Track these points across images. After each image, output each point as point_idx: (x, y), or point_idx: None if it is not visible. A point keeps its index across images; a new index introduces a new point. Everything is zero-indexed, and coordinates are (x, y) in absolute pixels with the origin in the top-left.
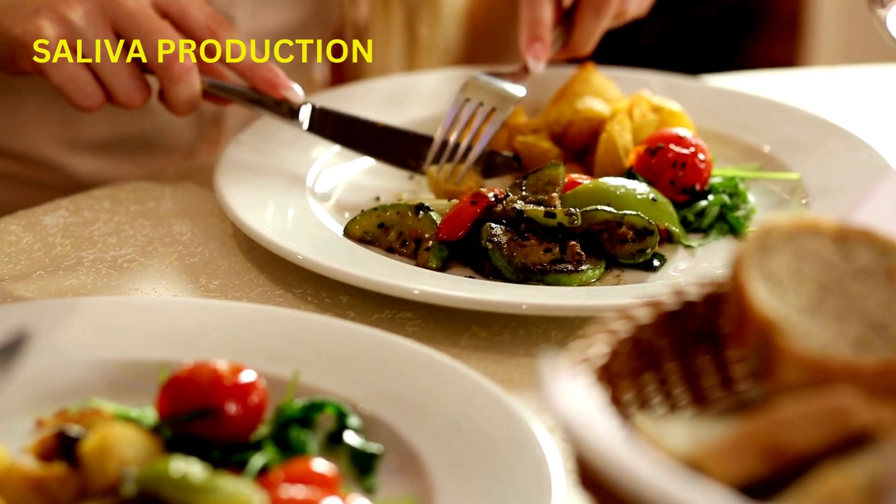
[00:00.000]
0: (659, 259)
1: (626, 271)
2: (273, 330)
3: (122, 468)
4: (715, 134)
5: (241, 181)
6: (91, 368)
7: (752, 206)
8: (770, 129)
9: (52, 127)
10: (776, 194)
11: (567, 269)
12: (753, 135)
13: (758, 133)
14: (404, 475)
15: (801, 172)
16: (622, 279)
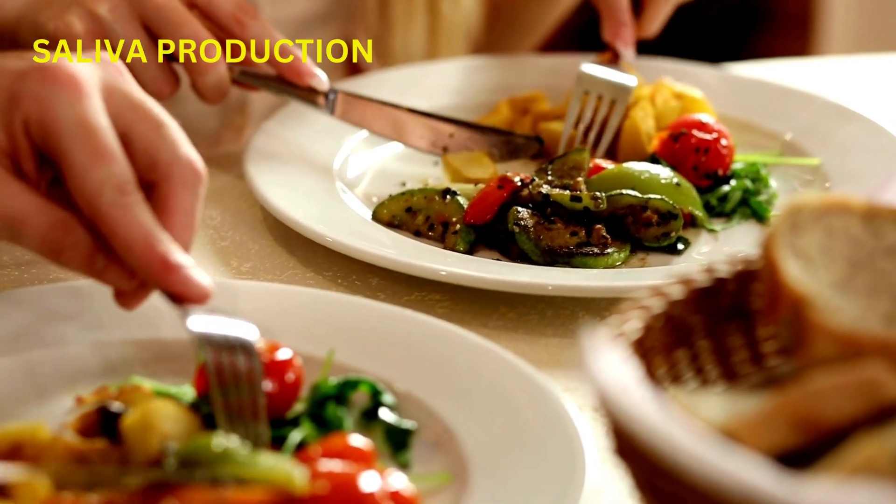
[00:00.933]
0: (683, 242)
1: (650, 254)
2: (307, 310)
3: (162, 443)
4: (735, 121)
5: (269, 166)
6: (129, 347)
7: (774, 190)
8: (790, 116)
9: None
10: (797, 180)
11: (593, 251)
12: (774, 122)
13: (778, 120)
14: (438, 451)
15: (821, 158)
16: (647, 262)
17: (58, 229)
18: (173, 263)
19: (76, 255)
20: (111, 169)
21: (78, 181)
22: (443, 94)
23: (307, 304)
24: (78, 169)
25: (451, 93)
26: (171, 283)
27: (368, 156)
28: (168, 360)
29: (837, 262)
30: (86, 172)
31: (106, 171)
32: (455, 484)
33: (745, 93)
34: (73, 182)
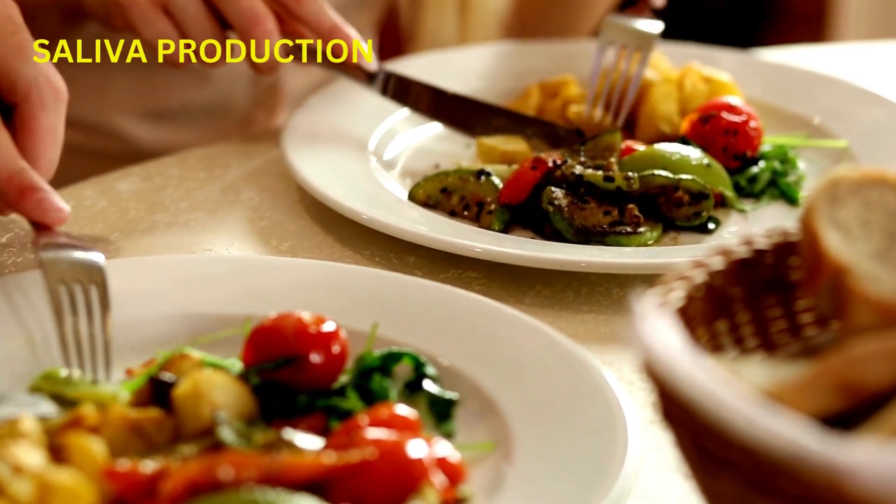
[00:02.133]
0: (713, 222)
1: (682, 234)
2: (350, 286)
3: (213, 412)
4: (762, 105)
5: (306, 147)
6: (176, 322)
7: (801, 172)
8: (816, 100)
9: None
10: (824, 161)
11: (626, 230)
12: (800, 106)
13: (804, 104)
14: (481, 422)
15: (848, 141)
16: (678, 241)
17: None
18: (32, 186)
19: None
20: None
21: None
22: (473, 79)
23: (350, 279)
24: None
25: (481, 77)
26: (27, 208)
27: (402, 138)
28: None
29: (876, 233)
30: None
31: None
32: (499, 452)
33: (771, 77)
34: None
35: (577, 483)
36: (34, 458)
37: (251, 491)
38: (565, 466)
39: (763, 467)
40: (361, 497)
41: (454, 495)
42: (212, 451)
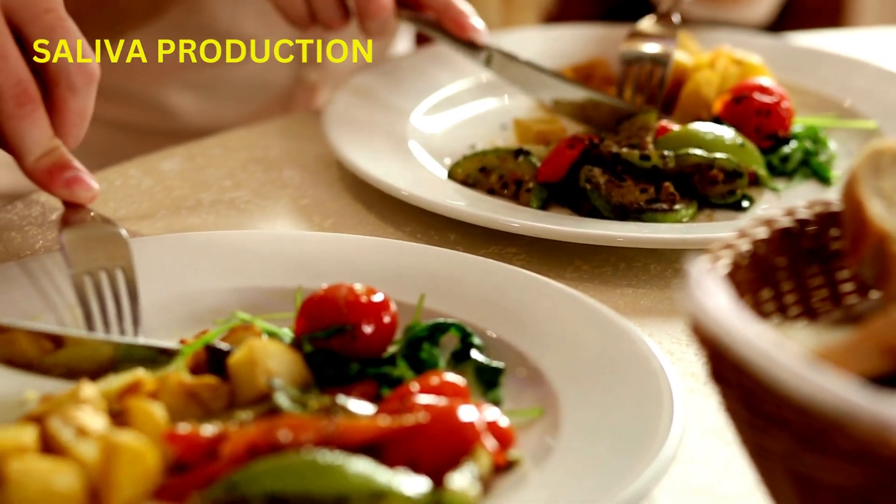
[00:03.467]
0: (747, 200)
1: (716, 211)
2: (396, 260)
3: (269, 379)
4: (792, 87)
5: (347, 127)
6: (227, 295)
7: (833, 152)
8: (845, 82)
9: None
10: (855, 142)
11: (662, 208)
12: (830, 88)
13: (834, 86)
14: (527, 390)
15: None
16: (713, 219)
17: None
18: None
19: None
20: (8, 78)
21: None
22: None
23: (397, 254)
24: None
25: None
26: (57, 186)
27: (439, 119)
28: (266, 306)
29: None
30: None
31: (2, 80)
32: (546, 419)
33: (801, 61)
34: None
35: (624, 448)
36: (97, 422)
37: (310, 453)
38: (612, 432)
39: (814, 424)
40: (415, 460)
41: (504, 459)
42: (267, 417)
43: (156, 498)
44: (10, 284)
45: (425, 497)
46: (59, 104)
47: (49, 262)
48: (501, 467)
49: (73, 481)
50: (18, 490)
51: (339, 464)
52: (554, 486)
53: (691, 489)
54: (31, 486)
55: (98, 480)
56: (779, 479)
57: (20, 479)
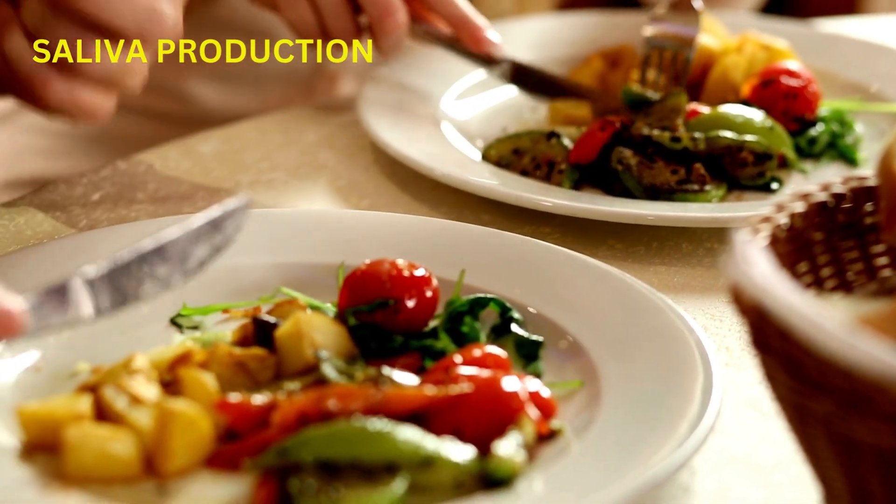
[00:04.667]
0: (776, 182)
1: (745, 193)
2: (435, 238)
3: (315, 351)
4: (818, 72)
5: (381, 110)
6: (271, 270)
7: (859, 135)
8: (871, 67)
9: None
10: (881, 125)
11: (693, 189)
12: (856, 73)
13: (859, 71)
14: (567, 363)
15: None
16: (743, 200)
17: None
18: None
19: None
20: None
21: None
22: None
23: (436, 232)
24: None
25: (541, 46)
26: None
27: (471, 102)
28: (310, 282)
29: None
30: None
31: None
32: (586, 391)
33: (826, 46)
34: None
35: (664, 419)
36: (150, 392)
37: (358, 421)
38: (652, 404)
39: (858, 387)
40: (460, 429)
41: (547, 428)
42: (314, 388)
43: (208, 465)
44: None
45: (473, 464)
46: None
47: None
48: (544, 436)
49: (130, 447)
50: (77, 455)
51: (388, 431)
52: (596, 455)
53: (729, 459)
54: (89, 452)
55: (152, 447)
56: (820, 444)
57: (78, 445)
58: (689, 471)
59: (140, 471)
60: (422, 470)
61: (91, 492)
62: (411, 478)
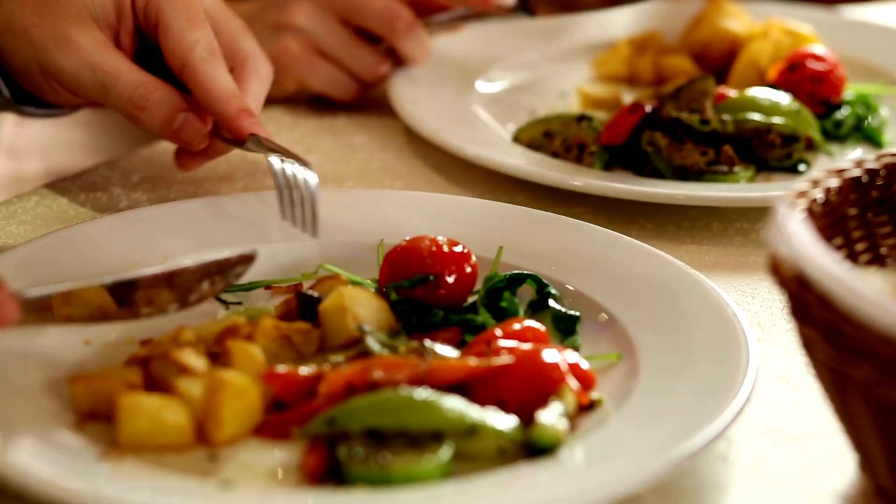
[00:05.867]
0: (803, 163)
1: (773, 174)
2: (472, 216)
3: (358, 325)
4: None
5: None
6: (313, 248)
7: (884, 118)
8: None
9: None
10: None
11: (722, 170)
12: (879, 58)
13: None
14: (604, 337)
15: None
16: (771, 181)
17: (146, 87)
18: (248, 110)
19: (159, 113)
20: (204, 33)
21: (174, 41)
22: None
23: (473, 211)
24: (175, 31)
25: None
26: (245, 125)
27: (500, 87)
28: (349, 259)
29: None
30: (182, 34)
31: (200, 34)
32: (624, 364)
33: (850, 32)
34: (170, 42)
35: (702, 390)
36: (199, 363)
37: (404, 390)
38: (689, 376)
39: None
40: (503, 399)
41: (587, 399)
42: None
43: (257, 434)
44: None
45: (516, 432)
46: (242, 83)
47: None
48: (584, 407)
49: (182, 416)
50: (131, 423)
51: (433, 400)
52: (636, 426)
53: (764, 429)
54: (143, 420)
55: (203, 417)
56: (857, 411)
57: (132, 412)
58: (726, 440)
59: (192, 439)
60: (466, 438)
61: (144, 459)
62: (456, 446)
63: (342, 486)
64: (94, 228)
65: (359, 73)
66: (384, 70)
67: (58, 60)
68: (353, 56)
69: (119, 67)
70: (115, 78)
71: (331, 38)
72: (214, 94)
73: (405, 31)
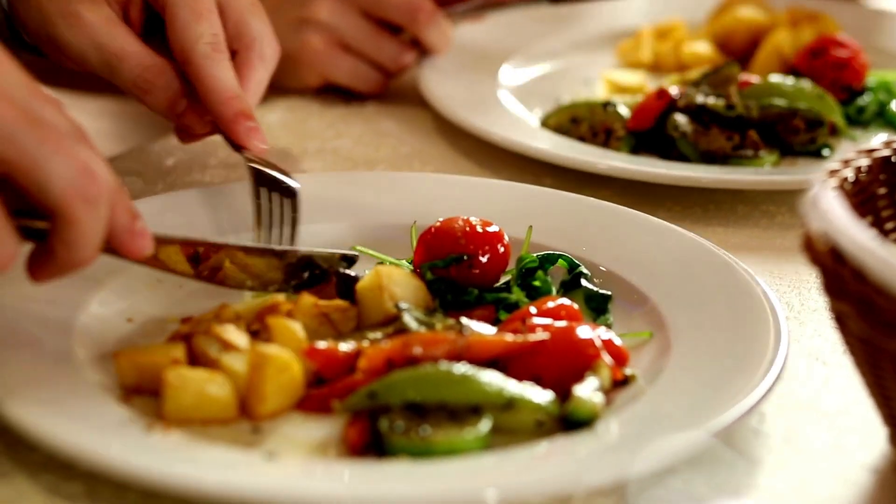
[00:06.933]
0: (827, 148)
1: (798, 159)
2: (503, 198)
3: (395, 303)
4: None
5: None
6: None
7: None
8: None
9: None
10: None
11: (747, 154)
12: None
13: None
14: (636, 317)
15: None
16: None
17: (151, 71)
18: (247, 113)
19: (163, 96)
20: (209, 25)
21: (179, 33)
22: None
23: (503, 193)
24: (180, 23)
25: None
26: (241, 130)
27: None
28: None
29: None
30: (186, 26)
31: (204, 27)
32: (656, 342)
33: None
34: (174, 34)
35: (735, 366)
36: (241, 339)
37: (443, 365)
38: (722, 352)
39: None
40: (539, 375)
41: (621, 374)
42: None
43: (299, 408)
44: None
45: (553, 405)
46: (244, 70)
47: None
48: (618, 382)
49: (227, 389)
50: (177, 396)
51: (472, 375)
52: (671, 400)
53: (795, 404)
54: (189, 393)
55: (246, 391)
56: (890, 384)
57: (179, 387)
58: (758, 415)
59: (236, 413)
60: (505, 411)
61: (190, 432)
62: (495, 419)
63: (383, 457)
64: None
65: (383, 63)
66: (408, 59)
67: (65, 36)
68: (377, 47)
69: (125, 48)
70: (121, 60)
71: (353, 31)
72: (214, 95)
73: (427, 21)
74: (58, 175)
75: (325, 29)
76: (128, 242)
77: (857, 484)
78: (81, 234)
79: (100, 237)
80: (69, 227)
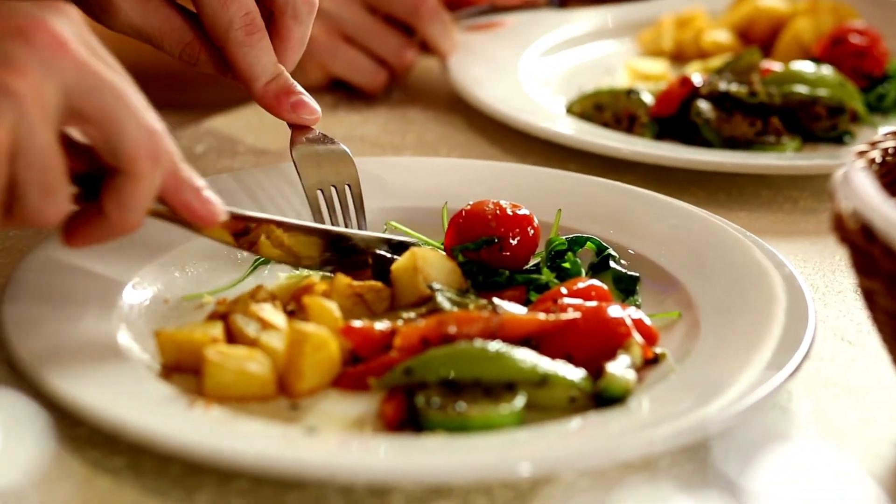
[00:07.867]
0: (848, 135)
1: (819, 145)
2: (531, 182)
3: (429, 284)
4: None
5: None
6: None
7: None
8: None
9: None
10: None
11: (769, 141)
12: None
13: None
14: (664, 298)
15: None
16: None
17: (191, 47)
18: (288, 89)
19: (209, 69)
20: (237, 8)
21: (209, 20)
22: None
23: (531, 177)
24: (209, 10)
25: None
26: (285, 109)
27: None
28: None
29: None
30: (216, 13)
31: (234, 11)
32: (685, 321)
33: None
34: (205, 22)
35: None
36: (278, 318)
37: (478, 343)
38: (750, 331)
39: None
40: (571, 353)
41: (651, 353)
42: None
43: (336, 385)
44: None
45: (586, 382)
46: (283, 32)
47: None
48: (648, 361)
49: (265, 367)
50: (217, 372)
51: (506, 352)
52: (700, 378)
53: (822, 383)
54: (228, 371)
55: (284, 369)
56: None
57: (219, 363)
58: (786, 393)
59: (274, 390)
60: (538, 388)
61: (229, 408)
62: (528, 396)
63: (420, 433)
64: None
65: (384, 56)
66: (410, 56)
67: (103, 22)
68: (379, 40)
69: (162, 29)
70: (161, 41)
71: (356, 22)
72: (252, 83)
73: (429, 16)
74: (130, 130)
75: (327, 19)
76: (199, 209)
77: (885, 458)
78: (139, 192)
79: (151, 201)
80: (132, 183)
